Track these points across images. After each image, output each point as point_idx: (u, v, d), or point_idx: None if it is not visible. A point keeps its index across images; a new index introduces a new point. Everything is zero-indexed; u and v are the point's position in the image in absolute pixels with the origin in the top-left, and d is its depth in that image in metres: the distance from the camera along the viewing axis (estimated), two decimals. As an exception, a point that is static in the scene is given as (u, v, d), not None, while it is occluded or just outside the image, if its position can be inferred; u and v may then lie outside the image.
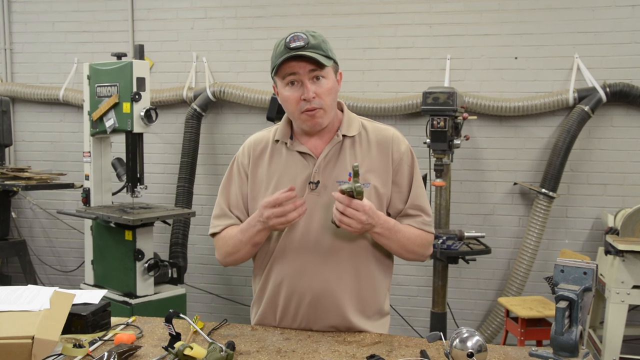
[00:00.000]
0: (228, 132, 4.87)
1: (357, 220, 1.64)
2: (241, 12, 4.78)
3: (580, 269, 1.46)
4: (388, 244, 1.79)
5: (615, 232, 3.68)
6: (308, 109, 1.73)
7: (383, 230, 1.73)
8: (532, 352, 1.49)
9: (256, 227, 1.74)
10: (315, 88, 1.71)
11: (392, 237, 1.76)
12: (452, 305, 4.34)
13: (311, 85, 1.71)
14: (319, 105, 1.73)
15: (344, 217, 1.63)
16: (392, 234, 1.76)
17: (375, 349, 1.65)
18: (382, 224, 1.72)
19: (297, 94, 1.72)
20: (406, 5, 4.49)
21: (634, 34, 4.18)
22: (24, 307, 1.59)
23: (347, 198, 1.63)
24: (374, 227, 1.70)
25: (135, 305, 3.69)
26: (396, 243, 1.79)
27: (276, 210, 1.66)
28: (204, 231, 4.79)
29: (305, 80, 1.71)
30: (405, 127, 4.47)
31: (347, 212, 1.63)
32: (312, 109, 1.73)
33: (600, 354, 3.70)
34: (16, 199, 5.14)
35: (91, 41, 5.06)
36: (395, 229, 1.76)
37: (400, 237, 1.78)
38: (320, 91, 1.72)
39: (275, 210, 1.66)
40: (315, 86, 1.72)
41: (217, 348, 1.47)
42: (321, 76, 1.72)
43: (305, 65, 1.70)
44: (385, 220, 1.74)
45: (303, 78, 1.71)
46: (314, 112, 1.73)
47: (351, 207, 1.62)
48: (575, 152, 4.25)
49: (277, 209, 1.66)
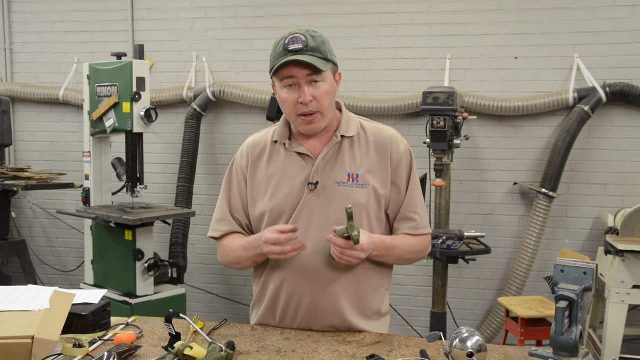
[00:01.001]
0: (228, 132, 4.87)
1: (356, 258, 1.68)
2: (241, 12, 4.78)
3: (580, 269, 1.46)
4: (386, 260, 1.84)
5: (615, 232, 3.68)
6: (305, 113, 1.73)
7: (380, 252, 1.78)
8: (532, 352, 1.49)
9: (257, 250, 1.76)
10: (312, 91, 1.71)
11: (390, 254, 1.81)
12: (452, 305, 4.34)
13: (308, 88, 1.71)
14: (316, 108, 1.73)
15: (344, 256, 1.67)
16: (389, 252, 1.80)
17: (375, 349, 1.65)
18: (379, 248, 1.76)
19: (295, 97, 1.72)
20: (406, 5, 4.49)
21: (634, 34, 4.18)
22: (24, 307, 1.59)
23: (345, 242, 1.65)
24: (372, 253, 1.74)
25: (135, 305, 3.69)
26: (394, 258, 1.84)
27: (276, 248, 1.69)
28: (204, 231, 4.77)
29: (302, 83, 1.70)
30: (405, 127, 4.47)
31: (346, 254, 1.66)
32: (310, 114, 1.73)
33: (600, 354, 3.70)
34: (16, 199, 5.14)
35: (91, 41, 5.06)
36: (391, 246, 1.80)
37: (397, 252, 1.82)
38: (318, 94, 1.71)
39: (274, 248, 1.69)
40: (312, 89, 1.71)
41: (217, 348, 1.47)
42: (319, 80, 1.71)
43: (302, 70, 1.69)
44: (380, 242, 1.77)
45: (300, 82, 1.70)
46: (311, 117, 1.74)
47: (351, 249, 1.66)
48: (575, 152, 4.25)
49: (277, 247, 1.68)
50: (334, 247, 1.67)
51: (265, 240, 1.70)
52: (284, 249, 1.68)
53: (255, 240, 1.76)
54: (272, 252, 1.69)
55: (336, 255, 1.68)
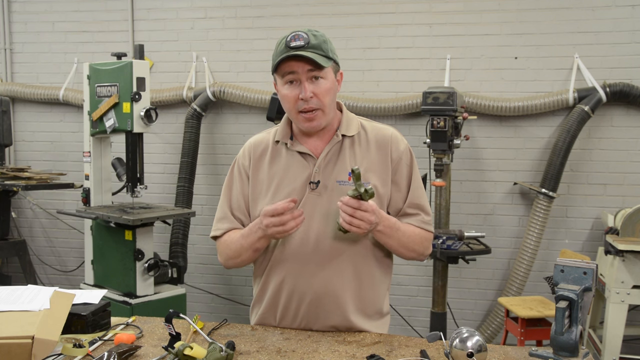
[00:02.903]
0: (228, 132, 4.87)
1: (367, 221, 1.65)
2: (241, 12, 4.78)
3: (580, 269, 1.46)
4: (389, 242, 1.79)
5: (615, 232, 3.68)
6: (305, 109, 1.73)
7: (385, 228, 1.74)
8: (532, 352, 1.49)
9: (257, 233, 1.75)
10: (313, 88, 1.72)
11: (393, 235, 1.77)
12: (452, 305, 4.34)
13: (309, 85, 1.72)
14: (317, 105, 1.73)
15: (354, 219, 1.64)
16: (393, 232, 1.76)
17: (375, 349, 1.65)
18: (384, 222, 1.73)
19: (295, 93, 1.73)
20: (406, 5, 4.49)
21: (634, 34, 4.18)
22: (24, 307, 1.59)
23: (357, 201, 1.63)
24: (377, 225, 1.71)
25: (135, 305, 3.69)
26: (397, 241, 1.79)
27: (274, 219, 1.67)
28: (204, 231, 4.79)
29: (303, 79, 1.71)
30: (405, 127, 4.47)
31: (357, 215, 1.64)
32: (310, 110, 1.73)
33: (600, 354, 3.70)
34: (16, 199, 5.14)
35: (91, 41, 5.06)
36: (396, 227, 1.77)
37: (400, 236, 1.79)
38: (318, 91, 1.72)
39: (273, 219, 1.67)
40: (313, 86, 1.72)
41: (217, 348, 1.47)
42: (320, 76, 1.72)
43: (303, 65, 1.70)
44: (386, 218, 1.75)
45: (301, 77, 1.71)
46: (312, 114, 1.74)
47: (361, 209, 1.63)
48: (575, 152, 4.25)
49: (275, 218, 1.67)
50: (343, 211, 1.64)
51: (265, 213, 1.68)
52: (282, 218, 1.66)
53: (255, 224, 1.76)
54: (271, 224, 1.67)
55: (346, 219, 1.64)
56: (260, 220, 1.72)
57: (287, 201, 1.67)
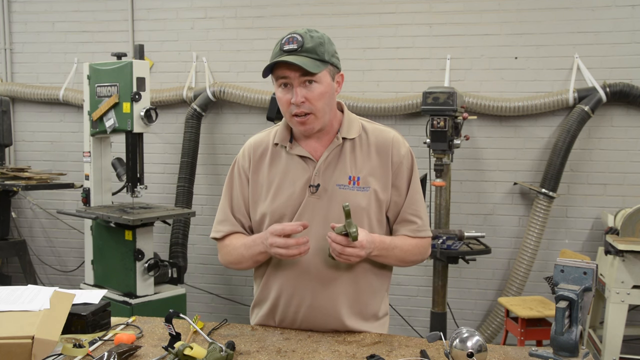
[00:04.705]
0: (228, 132, 4.87)
1: (356, 256, 1.67)
2: (241, 12, 4.78)
3: (580, 269, 1.46)
4: (386, 260, 1.82)
5: (615, 232, 3.68)
6: (297, 113, 1.72)
7: (380, 251, 1.76)
8: (532, 352, 1.49)
9: (259, 247, 1.75)
10: (305, 92, 1.69)
11: (390, 254, 1.79)
12: (452, 305, 4.34)
13: (301, 89, 1.69)
14: (309, 110, 1.71)
15: (343, 255, 1.66)
16: (389, 252, 1.78)
17: (375, 349, 1.65)
18: (378, 246, 1.74)
19: (288, 97, 1.72)
20: (406, 5, 4.49)
21: (634, 34, 4.18)
22: (24, 307, 1.59)
23: (344, 239, 1.64)
24: (371, 252, 1.73)
25: (135, 305, 3.69)
26: (394, 259, 1.82)
27: (280, 240, 1.67)
28: (204, 231, 4.79)
29: (295, 84, 1.69)
30: (405, 127, 4.47)
31: (346, 252, 1.65)
32: (302, 114, 1.72)
33: (600, 354, 3.70)
34: (16, 199, 5.14)
35: (91, 41, 5.06)
36: (391, 246, 1.78)
37: (397, 253, 1.80)
38: (310, 96, 1.70)
39: (279, 241, 1.67)
40: (305, 90, 1.70)
41: (217, 348, 1.47)
42: (313, 81, 1.69)
43: (294, 71, 1.68)
44: (380, 241, 1.75)
45: (293, 82, 1.69)
46: (304, 118, 1.72)
47: (350, 246, 1.65)
48: (575, 152, 4.25)
49: (281, 240, 1.67)
50: (332, 245, 1.66)
51: (272, 231, 1.69)
52: (287, 241, 1.67)
53: (259, 238, 1.76)
54: (275, 244, 1.67)
55: (335, 253, 1.67)
56: (265, 236, 1.72)
57: (297, 224, 1.68)
